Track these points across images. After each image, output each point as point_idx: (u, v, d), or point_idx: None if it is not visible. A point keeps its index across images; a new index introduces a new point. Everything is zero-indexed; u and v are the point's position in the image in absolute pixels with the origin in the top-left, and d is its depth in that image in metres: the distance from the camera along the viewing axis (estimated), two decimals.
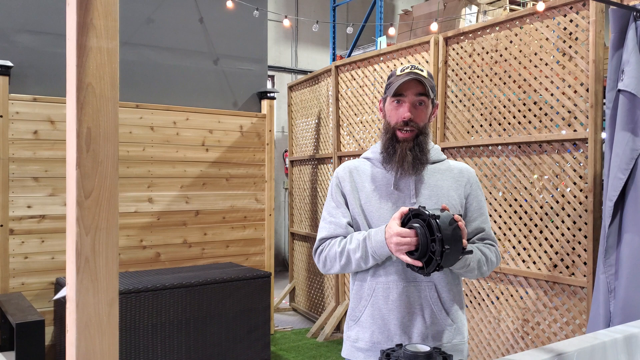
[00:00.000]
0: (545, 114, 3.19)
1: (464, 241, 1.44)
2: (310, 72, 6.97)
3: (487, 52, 3.55)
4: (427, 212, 1.44)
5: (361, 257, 1.61)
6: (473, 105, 3.64)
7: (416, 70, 1.65)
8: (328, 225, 1.72)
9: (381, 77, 4.45)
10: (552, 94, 3.16)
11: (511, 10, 6.10)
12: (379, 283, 1.65)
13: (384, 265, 1.64)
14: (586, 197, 2.97)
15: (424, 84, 1.62)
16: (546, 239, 3.18)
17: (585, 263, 2.96)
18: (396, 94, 1.65)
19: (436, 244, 1.41)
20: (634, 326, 1.50)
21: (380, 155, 1.70)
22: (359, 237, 1.63)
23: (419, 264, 1.46)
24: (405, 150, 1.64)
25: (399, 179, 1.67)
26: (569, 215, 3.06)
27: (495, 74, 3.49)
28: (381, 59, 4.49)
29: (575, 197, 3.04)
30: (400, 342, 1.61)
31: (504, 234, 3.42)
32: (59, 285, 3.85)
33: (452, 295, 1.68)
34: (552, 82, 3.16)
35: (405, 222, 1.51)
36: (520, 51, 3.34)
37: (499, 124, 3.46)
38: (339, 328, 4.89)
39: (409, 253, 1.48)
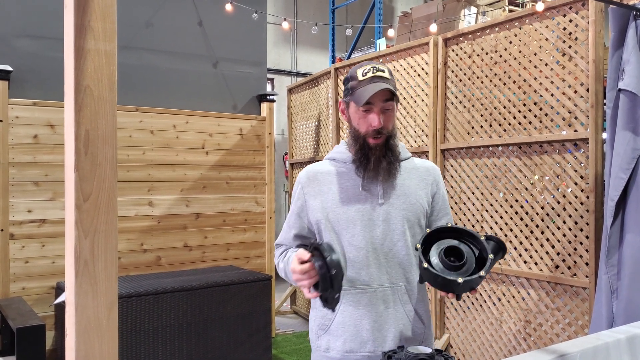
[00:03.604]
0: (546, 115, 3.19)
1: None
2: (310, 74, 6.97)
3: (487, 53, 3.55)
4: (326, 250, 1.41)
5: (290, 280, 1.63)
6: (473, 106, 3.64)
7: (379, 74, 1.59)
8: (283, 232, 1.76)
9: None
10: (552, 95, 3.16)
11: (510, 11, 6.10)
12: (348, 290, 1.61)
13: (351, 271, 1.61)
14: (587, 197, 2.96)
15: (392, 91, 1.58)
16: (548, 239, 3.17)
17: (587, 264, 2.95)
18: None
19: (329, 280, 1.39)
20: (637, 327, 1.49)
21: (353, 163, 1.66)
22: (287, 261, 1.65)
23: (315, 295, 1.44)
24: (380, 157, 1.61)
25: (366, 180, 1.64)
26: (570, 216, 3.05)
27: (495, 74, 3.49)
28: (380, 60, 4.48)
29: (576, 197, 3.03)
30: (373, 347, 1.60)
31: (505, 235, 3.41)
32: (60, 289, 3.85)
33: (421, 296, 1.67)
34: (552, 82, 3.16)
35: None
36: (520, 52, 3.33)
37: (499, 125, 3.46)
38: None
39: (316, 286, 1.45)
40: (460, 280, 1.33)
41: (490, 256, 1.38)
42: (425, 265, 1.36)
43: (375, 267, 1.61)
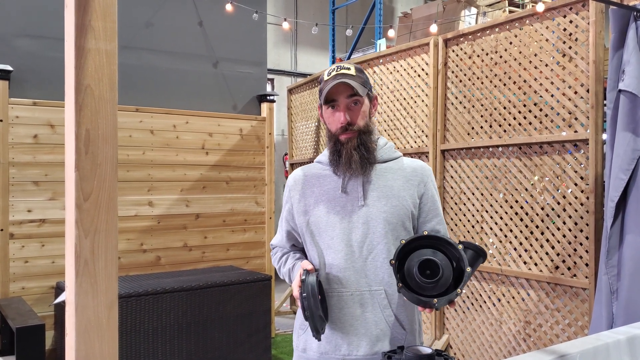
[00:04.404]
0: (546, 115, 3.19)
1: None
2: (310, 75, 6.98)
3: (487, 54, 3.55)
4: (312, 276, 1.49)
5: (290, 282, 1.68)
6: (473, 106, 3.64)
7: (342, 71, 1.60)
8: (277, 234, 1.81)
9: (381, 80, 4.45)
10: (552, 95, 3.16)
11: (510, 11, 6.10)
12: (325, 291, 1.61)
13: (328, 274, 1.61)
14: (587, 198, 2.96)
15: (352, 86, 1.57)
16: (547, 240, 3.17)
17: (587, 264, 2.95)
18: (328, 100, 1.61)
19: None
20: (636, 327, 1.49)
21: (330, 162, 1.66)
22: (289, 266, 1.70)
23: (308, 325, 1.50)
24: (351, 150, 1.60)
25: (347, 182, 1.63)
26: (570, 217, 3.05)
27: (495, 75, 3.49)
28: (381, 61, 4.49)
29: (576, 198, 3.03)
30: (348, 351, 1.59)
31: (505, 236, 3.41)
32: (59, 289, 3.85)
33: (404, 300, 1.61)
34: (552, 83, 3.16)
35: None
36: (520, 52, 3.34)
37: (500, 126, 3.46)
38: None
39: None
40: (435, 301, 1.36)
41: (468, 269, 1.38)
42: (400, 285, 1.38)
43: (352, 271, 1.59)
